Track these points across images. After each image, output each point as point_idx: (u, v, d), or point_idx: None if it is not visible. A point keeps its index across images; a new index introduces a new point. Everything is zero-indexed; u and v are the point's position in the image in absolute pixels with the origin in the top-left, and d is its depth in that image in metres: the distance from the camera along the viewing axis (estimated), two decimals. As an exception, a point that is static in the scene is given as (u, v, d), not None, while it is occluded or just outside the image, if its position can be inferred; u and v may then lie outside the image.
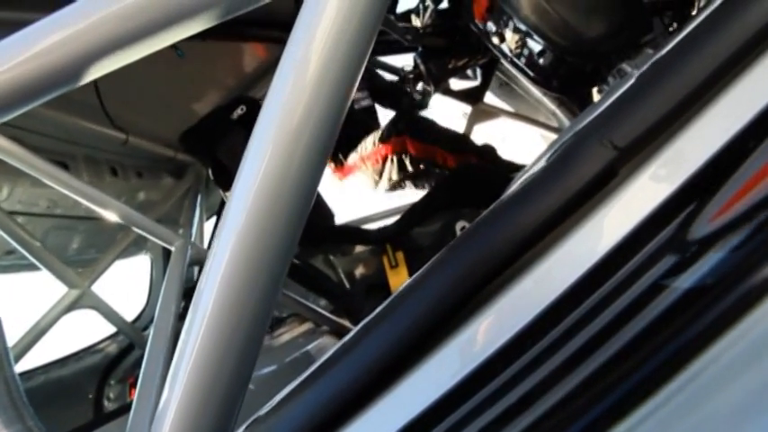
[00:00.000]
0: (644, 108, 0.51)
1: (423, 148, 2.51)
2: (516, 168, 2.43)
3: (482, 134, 3.56)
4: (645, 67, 0.55)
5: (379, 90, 2.88)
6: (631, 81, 0.55)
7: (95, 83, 2.06)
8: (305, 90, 0.50)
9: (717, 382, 0.45)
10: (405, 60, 3.00)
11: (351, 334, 0.59)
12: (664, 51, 0.55)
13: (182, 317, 1.51)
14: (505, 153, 2.67)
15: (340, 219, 3.06)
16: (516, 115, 3.56)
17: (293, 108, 0.50)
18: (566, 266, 0.50)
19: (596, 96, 2.37)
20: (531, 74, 1.85)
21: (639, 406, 0.46)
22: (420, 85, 2.78)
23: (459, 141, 2.70)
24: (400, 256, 2.26)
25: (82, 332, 2.71)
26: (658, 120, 0.50)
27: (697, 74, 0.50)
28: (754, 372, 0.45)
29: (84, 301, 2.36)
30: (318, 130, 0.51)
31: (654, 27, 1.63)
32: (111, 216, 1.83)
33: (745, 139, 0.47)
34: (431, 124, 2.67)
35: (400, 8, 2.61)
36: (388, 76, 3.15)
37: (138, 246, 2.87)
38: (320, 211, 2.78)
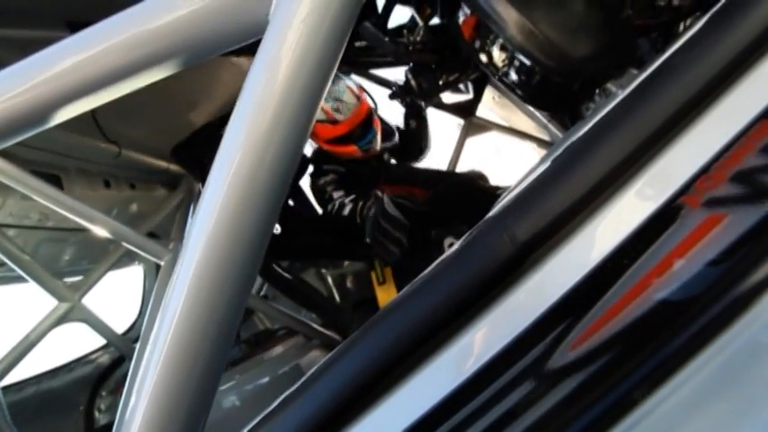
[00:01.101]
0: (547, 202, 0.50)
1: (399, 191, 2.51)
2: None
3: (476, 145, 3.58)
4: (559, 152, 0.54)
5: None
6: (546, 164, 0.54)
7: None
8: (273, 96, 0.50)
9: None
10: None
11: (334, 351, 0.59)
12: (576, 135, 0.54)
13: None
14: (499, 164, 2.68)
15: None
16: (508, 129, 3.57)
17: (263, 113, 0.50)
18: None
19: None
20: (518, 91, 1.88)
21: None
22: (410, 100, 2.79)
23: (440, 179, 2.70)
24: (388, 272, 2.26)
25: (80, 339, 2.69)
26: (559, 216, 0.49)
27: (601, 168, 0.49)
28: None
29: (74, 314, 2.35)
30: (287, 133, 0.51)
31: (640, 46, 1.66)
32: (100, 231, 1.84)
33: (625, 254, 0.47)
34: (406, 169, 2.73)
35: (392, 24, 2.62)
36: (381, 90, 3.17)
37: (130, 257, 2.86)
38: (315, 224, 2.79)
